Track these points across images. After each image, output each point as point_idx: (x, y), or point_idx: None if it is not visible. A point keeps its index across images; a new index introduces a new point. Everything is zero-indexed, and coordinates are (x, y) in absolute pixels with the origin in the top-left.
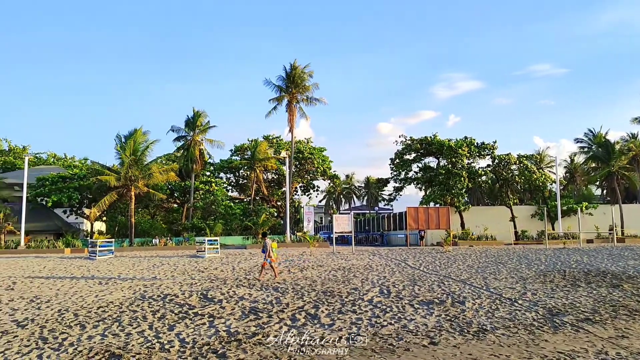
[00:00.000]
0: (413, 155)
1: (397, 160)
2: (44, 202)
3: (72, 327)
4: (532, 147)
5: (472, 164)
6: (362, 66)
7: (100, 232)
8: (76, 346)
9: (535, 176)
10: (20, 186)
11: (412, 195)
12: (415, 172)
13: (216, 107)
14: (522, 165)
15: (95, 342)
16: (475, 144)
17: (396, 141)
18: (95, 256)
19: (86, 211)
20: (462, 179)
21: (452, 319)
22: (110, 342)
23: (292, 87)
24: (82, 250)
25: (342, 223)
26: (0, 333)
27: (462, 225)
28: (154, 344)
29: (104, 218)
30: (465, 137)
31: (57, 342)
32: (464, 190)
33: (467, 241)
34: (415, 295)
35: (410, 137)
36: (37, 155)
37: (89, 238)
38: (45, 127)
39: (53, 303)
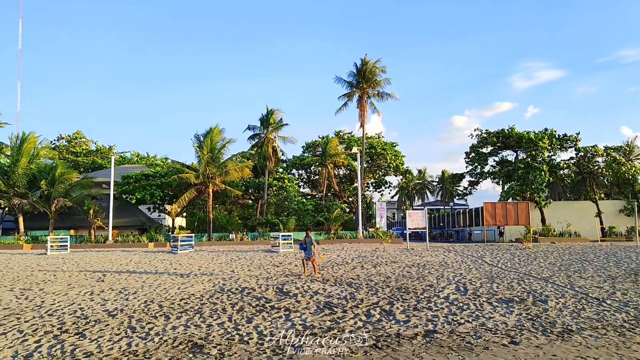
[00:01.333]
0: (489, 148)
1: (473, 154)
2: (129, 199)
3: (157, 317)
4: (619, 138)
5: (553, 157)
6: (435, 58)
7: (180, 228)
8: (161, 336)
9: (624, 169)
10: (107, 184)
11: (488, 190)
12: (491, 166)
13: (289, 104)
14: (609, 157)
15: (178, 333)
16: (557, 136)
17: (471, 134)
18: (177, 250)
19: (167, 207)
20: (543, 172)
21: (534, 318)
22: (192, 333)
23: (362, 82)
24: (165, 244)
25: (416, 219)
26: (93, 322)
27: (543, 221)
28: (234, 335)
29: (184, 214)
30: (546, 129)
31: (144, 331)
32: (544, 184)
33: (548, 238)
34: (493, 293)
35: (486, 129)
36: (122, 154)
37: (170, 233)
38: (128, 127)
39: (139, 294)
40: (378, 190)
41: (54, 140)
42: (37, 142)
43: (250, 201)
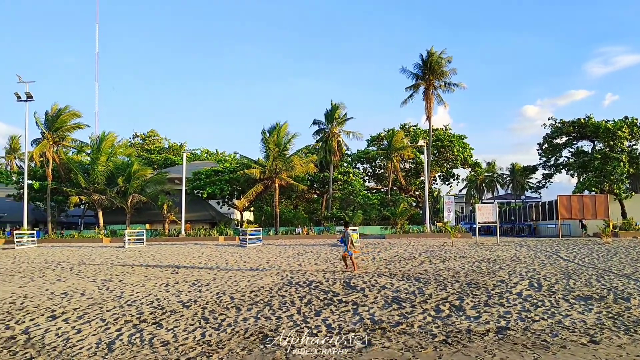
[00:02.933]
0: (564, 139)
1: (546, 145)
2: (199, 194)
3: (229, 309)
4: None
5: (635, 147)
6: (504, 46)
7: (248, 222)
8: (233, 327)
9: None
10: (179, 180)
11: (562, 182)
12: (566, 157)
13: (353, 98)
14: None
15: (249, 324)
16: (638, 125)
17: (544, 124)
18: (245, 244)
19: (236, 202)
20: (622, 163)
21: (615, 317)
22: (263, 325)
23: (428, 73)
24: (234, 238)
25: (486, 213)
26: (169, 312)
27: (624, 214)
28: (303, 328)
29: (252, 208)
30: (626, 117)
31: (217, 322)
32: (624, 176)
33: (630, 232)
34: (570, 289)
35: (561, 119)
36: (193, 151)
37: (239, 227)
38: (198, 125)
39: (211, 287)
40: (446, 183)
41: (130, 138)
42: (115, 141)
43: (315, 195)
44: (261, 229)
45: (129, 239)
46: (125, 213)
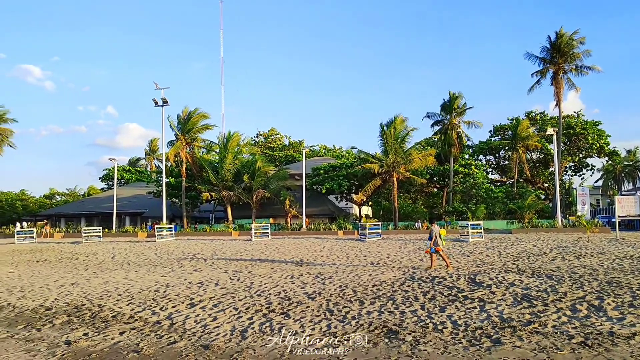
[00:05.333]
0: None
1: None
2: (319, 190)
3: (352, 302)
4: None
5: None
6: None
7: (367, 216)
8: (357, 319)
9: None
10: (299, 176)
11: None
12: None
13: (473, 88)
14: None
15: (373, 318)
16: None
17: None
18: (365, 238)
19: (354, 197)
20: None
21: None
22: (386, 319)
23: (557, 57)
24: (353, 232)
25: (627, 205)
26: (295, 303)
27: None
28: (427, 323)
29: (370, 203)
30: None
31: (341, 314)
32: None
33: None
34: None
35: None
36: (312, 148)
37: (358, 221)
38: (316, 121)
39: (334, 279)
40: (578, 174)
41: (254, 137)
42: (240, 140)
43: (435, 189)
44: (380, 223)
45: (255, 233)
46: (251, 208)
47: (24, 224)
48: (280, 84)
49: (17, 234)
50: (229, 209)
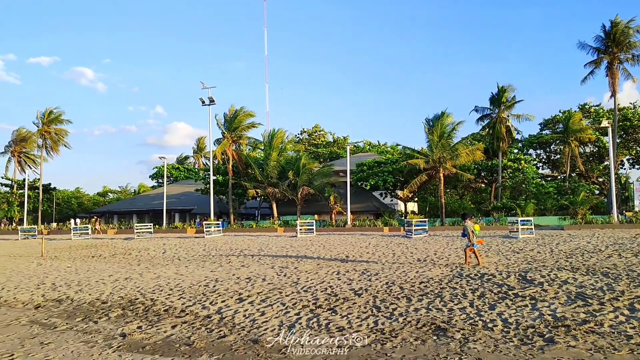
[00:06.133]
0: None
1: None
2: (363, 186)
3: (399, 299)
4: None
5: None
6: None
7: (412, 212)
8: (405, 316)
9: None
10: (344, 172)
11: None
12: None
13: (522, 79)
14: None
15: (421, 315)
16: None
17: None
18: (411, 235)
19: (399, 193)
20: None
21: None
22: (434, 316)
23: (612, 46)
24: (399, 229)
25: None
26: (342, 299)
27: None
28: (477, 321)
29: (416, 199)
30: None
31: (388, 311)
32: None
33: None
34: None
35: None
36: (355, 144)
37: (403, 218)
38: (360, 117)
39: (380, 276)
40: (636, 167)
41: (298, 134)
42: (284, 137)
43: (483, 185)
44: (426, 219)
45: (300, 229)
46: (296, 204)
47: (77, 220)
48: (324, 81)
49: (74, 230)
50: (274, 206)
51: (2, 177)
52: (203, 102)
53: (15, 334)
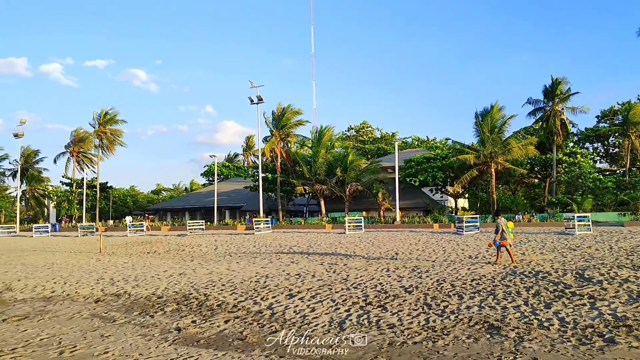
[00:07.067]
0: None
1: None
2: (412, 182)
3: (451, 296)
4: None
5: None
6: None
7: (463, 209)
8: (457, 314)
9: None
10: (392, 169)
11: None
12: None
13: (577, 70)
14: None
15: (473, 312)
16: None
17: None
18: (462, 231)
19: (449, 189)
20: None
21: None
22: (487, 314)
23: None
24: (449, 225)
25: None
26: (392, 296)
27: None
28: (532, 320)
29: (466, 195)
30: None
31: (440, 308)
32: None
33: None
34: None
35: None
36: (404, 140)
37: (454, 214)
38: (408, 113)
39: (431, 273)
40: None
41: (345, 131)
42: (332, 134)
43: (536, 180)
44: (478, 216)
45: (348, 226)
46: (344, 201)
47: (129, 218)
48: (371, 77)
49: (129, 227)
50: (322, 203)
51: (62, 176)
52: (252, 100)
53: (78, 326)
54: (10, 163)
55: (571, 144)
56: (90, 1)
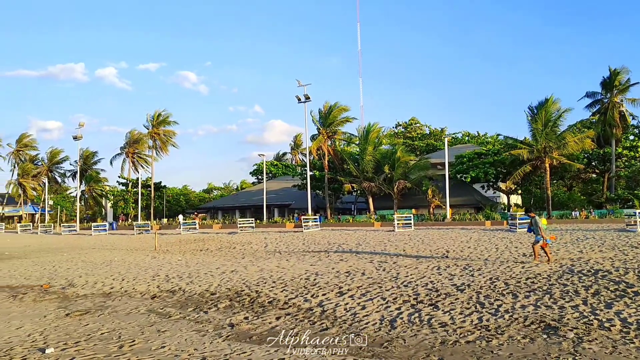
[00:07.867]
0: None
1: None
2: (463, 178)
3: (505, 295)
4: None
5: None
6: None
7: (516, 205)
8: (511, 313)
9: None
10: (442, 165)
11: None
12: None
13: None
14: None
15: (529, 312)
16: None
17: None
18: (515, 229)
19: (501, 185)
20: None
21: None
22: (544, 313)
23: None
24: (501, 222)
25: None
26: (444, 294)
27: None
28: (591, 320)
29: (519, 191)
30: None
31: (493, 307)
32: None
33: None
34: None
35: None
36: (454, 135)
37: (506, 211)
38: (457, 108)
39: (483, 271)
40: None
41: (393, 127)
42: (380, 131)
43: (593, 175)
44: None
45: (397, 224)
46: (393, 199)
47: (181, 216)
48: (419, 72)
49: (183, 225)
50: (370, 200)
51: (119, 177)
52: (299, 99)
53: (136, 321)
54: (70, 164)
55: (632, 137)
56: (142, 6)
